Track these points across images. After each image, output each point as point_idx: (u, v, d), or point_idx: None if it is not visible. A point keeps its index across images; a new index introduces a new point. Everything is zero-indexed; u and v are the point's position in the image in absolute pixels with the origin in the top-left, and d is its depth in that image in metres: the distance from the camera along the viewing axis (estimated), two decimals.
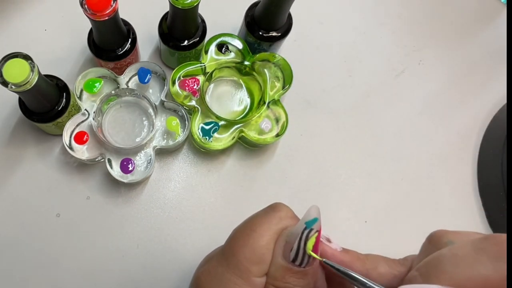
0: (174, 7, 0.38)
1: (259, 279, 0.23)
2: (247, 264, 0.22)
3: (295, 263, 0.22)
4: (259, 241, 0.23)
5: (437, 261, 0.20)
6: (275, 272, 0.22)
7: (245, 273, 0.22)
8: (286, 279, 0.22)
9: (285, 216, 0.24)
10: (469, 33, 0.55)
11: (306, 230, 0.22)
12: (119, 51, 0.42)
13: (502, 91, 0.53)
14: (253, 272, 0.22)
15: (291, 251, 0.22)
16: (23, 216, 0.43)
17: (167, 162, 0.46)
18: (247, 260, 0.22)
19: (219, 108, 0.46)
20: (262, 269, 0.23)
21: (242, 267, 0.22)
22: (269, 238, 0.23)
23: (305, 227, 0.22)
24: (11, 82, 0.33)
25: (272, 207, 0.25)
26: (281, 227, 0.23)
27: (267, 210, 0.24)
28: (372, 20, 0.54)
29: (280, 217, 0.24)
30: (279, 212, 0.24)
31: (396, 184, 0.49)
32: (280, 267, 0.22)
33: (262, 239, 0.23)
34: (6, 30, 0.48)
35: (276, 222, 0.23)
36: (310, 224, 0.22)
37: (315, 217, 0.22)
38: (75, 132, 0.42)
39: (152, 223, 0.44)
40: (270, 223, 0.23)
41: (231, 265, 0.23)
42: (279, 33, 0.44)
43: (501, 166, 0.46)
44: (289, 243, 0.22)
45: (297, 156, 0.48)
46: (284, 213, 0.24)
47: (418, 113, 0.52)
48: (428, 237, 0.24)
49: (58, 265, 0.42)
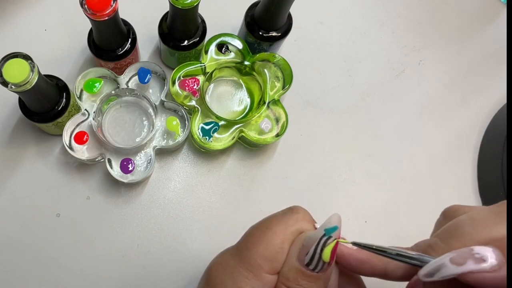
0: (174, 7, 0.38)
1: (270, 276, 0.23)
2: (260, 260, 0.23)
3: (309, 267, 0.22)
4: (274, 239, 0.23)
5: (456, 225, 0.21)
6: (288, 272, 0.23)
7: (256, 269, 0.23)
8: (298, 281, 0.22)
9: (302, 219, 0.24)
10: (469, 33, 0.55)
11: (324, 237, 0.22)
12: (119, 51, 0.42)
13: (502, 91, 0.53)
14: (264, 269, 0.23)
15: (306, 255, 0.22)
16: (23, 216, 0.43)
17: (167, 162, 0.46)
18: (259, 256, 0.23)
19: (219, 108, 0.46)
20: (274, 267, 0.23)
21: (254, 262, 0.23)
22: (284, 238, 0.23)
23: (324, 234, 0.22)
24: (11, 82, 0.33)
25: (290, 209, 0.25)
26: (297, 228, 0.23)
27: (285, 211, 0.24)
28: (372, 20, 0.54)
29: (297, 219, 0.24)
30: (297, 214, 0.24)
31: (396, 184, 0.49)
32: (293, 268, 0.22)
33: (277, 238, 0.23)
34: (6, 30, 0.48)
35: (292, 223, 0.23)
36: (329, 231, 0.22)
37: (335, 225, 0.22)
38: (75, 132, 0.42)
39: (152, 223, 0.44)
40: (286, 224, 0.23)
41: (244, 259, 0.23)
42: (279, 33, 0.44)
43: (501, 166, 0.46)
44: (306, 246, 0.22)
45: (297, 156, 0.48)
46: (301, 215, 0.24)
47: (418, 113, 0.52)
48: (443, 212, 0.24)
49: (58, 265, 0.42)
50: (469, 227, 0.20)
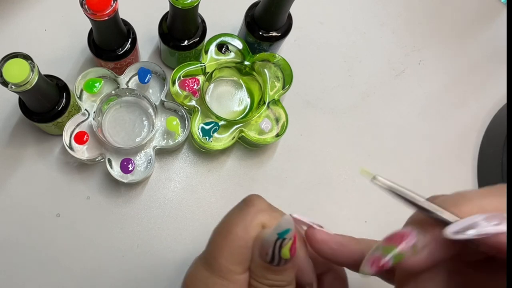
0: (174, 7, 0.38)
1: (243, 276, 0.23)
2: (229, 265, 0.23)
3: (273, 264, 0.23)
4: (237, 242, 0.23)
5: (463, 194, 0.21)
6: (255, 269, 0.23)
7: (229, 274, 0.23)
8: (266, 276, 0.23)
9: (259, 211, 0.24)
10: (469, 33, 0.55)
11: (278, 241, 0.22)
12: (119, 51, 0.42)
13: (502, 91, 0.53)
14: (236, 271, 0.23)
15: (267, 255, 0.22)
16: (23, 216, 0.43)
17: (167, 162, 0.46)
18: (228, 261, 0.23)
19: (219, 108, 0.46)
20: (245, 267, 0.23)
21: (225, 269, 0.23)
22: (247, 237, 0.23)
23: (277, 238, 0.22)
24: (11, 82, 0.33)
25: (246, 202, 0.25)
26: (257, 222, 0.24)
27: (241, 206, 0.25)
28: (372, 20, 0.54)
29: (255, 213, 0.24)
30: (253, 207, 0.24)
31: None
32: (259, 265, 0.23)
33: (240, 240, 0.23)
34: (6, 30, 0.48)
35: (251, 219, 0.24)
36: (282, 235, 0.22)
37: (287, 228, 0.22)
38: (75, 132, 0.42)
39: (152, 223, 0.44)
40: (245, 222, 0.23)
41: (215, 269, 0.23)
42: (279, 33, 0.44)
43: (501, 166, 0.46)
44: (265, 247, 0.22)
45: (297, 156, 0.48)
46: (258, 207, 0.24)
47: (418, 113, 0.52)
48: None
49: (58, 265, 0.42)
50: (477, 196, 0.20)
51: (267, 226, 0.23)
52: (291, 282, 0.24)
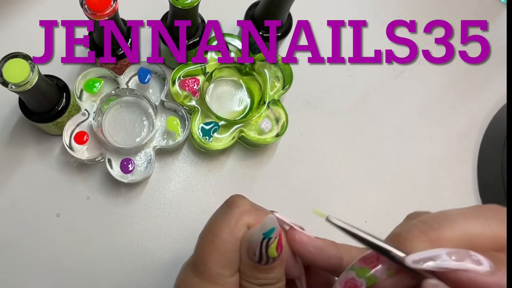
0: (174, 7, 0.38)
1: (233, 278, 0.24)
2: (219, 269, 0.23)
3: (261, 263, 0.23)
4: (224, 246, 0.23)
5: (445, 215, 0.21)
6: (245, 270, 0.24)
7: (219, 278, 0.23)
8: (255, 276, 0.23)
9: (243, 212, 0.24)
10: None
11: (264, 241, 0.22)
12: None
13: (502, 91, 0.53)
14: (226, 275, 0.23)
15: (254, 255, 0.23)
16: (23, 216, 0.43)
17: (167, 162, 0.46)
18: (217, 266, 0.23)
19: (219, 108, 0.46)
20: (233, 269, 0.24)
21: (215, 274, 0.23)
22: (233, 240, 0.23)
23: (263, 238, 0.22)
24: (11, 82, 0.33)
25: (229, 204, 0.25)
26: (242, 223, 0.24)
27: (225, 209, 0.25)
28: (372, 20, 0.54)
29: (239, 214, 0.24)
30: (237, 208, 0.24)
31: (396, 184, 0.49)
32: (247, 266, 0.23)
33: (227, 244, 0.23)
34: (6, 30, 0.48)
35: (235, 222, 0.24)
36: (267, 234, 0.22)
37: (271, 227, 0.22)
38: (75, 132, 0.42)
39: (152, 223, 0.44)
40: (230, 225, 0.23)
41: (204, 274, 0.23)
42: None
43: (501, 166, 0.46)
44: (252, 247, 0.23)
45: (297, 156, 0.48)
46: (242, 208, 0.24)
47: (418, 113, 0.52)
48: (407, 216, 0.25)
49: (58, 265, 0.42)
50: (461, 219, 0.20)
51: (252, 225, 0.24)
52: (281, 279, 0.24)
